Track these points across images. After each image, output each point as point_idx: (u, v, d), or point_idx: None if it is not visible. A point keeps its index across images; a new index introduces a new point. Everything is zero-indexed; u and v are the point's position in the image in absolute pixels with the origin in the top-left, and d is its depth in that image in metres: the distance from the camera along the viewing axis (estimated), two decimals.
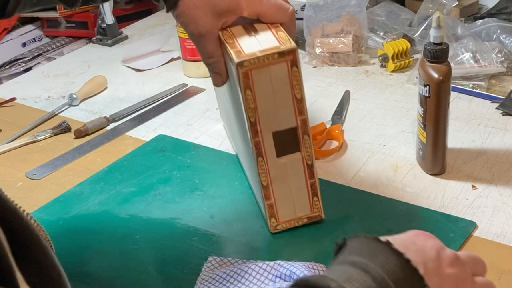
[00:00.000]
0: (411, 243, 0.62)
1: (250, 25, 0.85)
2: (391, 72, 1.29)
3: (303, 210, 0.88)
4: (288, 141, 0.83)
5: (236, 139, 1.01)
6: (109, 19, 1.51)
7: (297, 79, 0.80)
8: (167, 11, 0.89)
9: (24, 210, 0.55)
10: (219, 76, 0.88)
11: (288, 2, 0.88)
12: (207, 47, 0.87)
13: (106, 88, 1.32)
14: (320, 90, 1.25)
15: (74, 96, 1.26)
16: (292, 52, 0.78)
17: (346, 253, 0.60)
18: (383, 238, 0.60)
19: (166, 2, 0.88)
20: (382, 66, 1.31)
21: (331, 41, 1.32)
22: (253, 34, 0.83)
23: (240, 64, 0.77)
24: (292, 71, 0.79)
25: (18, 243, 0.46)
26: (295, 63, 0.79)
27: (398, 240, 0.61)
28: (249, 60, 0.77)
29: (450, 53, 0.97)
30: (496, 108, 1.14)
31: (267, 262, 0.79)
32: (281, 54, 0.78)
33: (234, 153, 1.06)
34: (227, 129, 1.11)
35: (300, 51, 1.40)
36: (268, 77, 0.79)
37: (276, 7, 0.85)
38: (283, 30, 0.83)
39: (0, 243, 0.43)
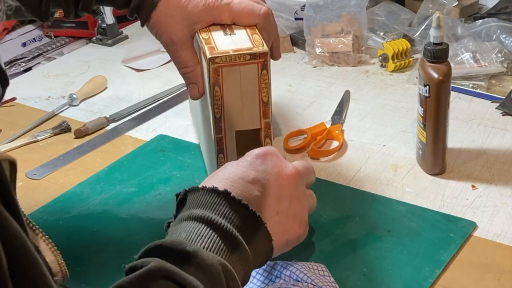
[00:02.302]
0: (252, 175, 0.70)
1: (228, 25, 0.87)
2: (391, 72, 1.29)
3: None
4: (250, 141, 0.85)
5: (200, 133, 1.03)
6: (109, 19, 1.51)
7: (266, 82, 0.82)
8: (142, 25, 0.89)
9: (32, 225, 0.55)
10: (196, 87, 0.88)
11: (262, 2, 0.88)
12: (181, 56, 0.87)
13: (106, 88, 1.32)
14: (320, 90, 1.25)
15: (74, 96, 1.26)
16: (263, 55, 0.80)
17: (190, 206, 0.67)
18: (221, 184, 0.68)
19: (140, 16, 0.88)
20: (382, 66, 1.31)
21: (331, 41, 1.32)
22: (229, 33, 0.85)
23: (212, 60, 0.79)
24: (262, 74, 0.81)
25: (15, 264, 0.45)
26: (265, 67, 0.81)
27: (238, 181, 0.69)
28: (221, 57, 0.79)
29: (450, 53, 0.97)
30: (496, 108, 1.14)
31: (267, 262, 0.79)
32: (253, 55, 0.80)
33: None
34: (194, 123, 1.12)
35: (300, 51, 1.40)
36: (237, 76, 0.81)
37: (247, 10, 0.86)
38: (258, 33, 0.85)
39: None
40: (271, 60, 0.92)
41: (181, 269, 0.58)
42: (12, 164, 0.49)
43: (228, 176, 0.70)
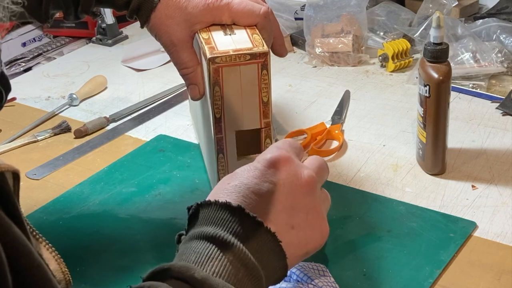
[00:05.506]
0: (264, 188, 0.66)
1: (228, 25, 0.87)
2: (391, 72, 1.29)
3: None
4: (250, 142, 0.85)
5: (200, 133, 1.03)
6: (109, 19, 1.51)
7: (266, 82, 0.82)
8: (142, 27, 0.89)
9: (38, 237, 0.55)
10: (196, 87, 0.88)
11: (262, 2, 0.88)
12: (181, 57, 0.87)
13: (106, 88, 1.32)
14: (320, 90, 1.25)
15: (74, 96, 1.26)
16: (263, 55, 0.80)
17: (202, 223, 0.63)
18: (234, 198, 0.64)
19: (139, 17, 0.88)
20: (382, 66, 1.31)
21: (331, 41, 1.32)
22: (229, 33, 0.85)
23: (212, 60, 0.79)
24: (262, 74, 0.81)
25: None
26: (265, 67, 0.81)
27: (250, 195, 0.65)
28: (221, 57, 0.79)
29: (450, 53, 0.97)
30: (496, 108, 1.14)
31: None
32: (253, 55, 0.80)
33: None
34: (194, 123, 1.12)
35: (300, 51, 1.40)
36: (237, 76, 0.81)
37: (246, 10, 0.86)
38: (259, 33, 0.85)
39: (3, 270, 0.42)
40: (278, 57, 0.93)
41: None
42: (15, 175, 0.49)
43: (239, 189, 0.65)
